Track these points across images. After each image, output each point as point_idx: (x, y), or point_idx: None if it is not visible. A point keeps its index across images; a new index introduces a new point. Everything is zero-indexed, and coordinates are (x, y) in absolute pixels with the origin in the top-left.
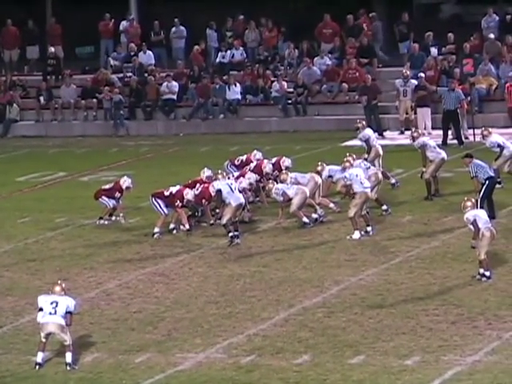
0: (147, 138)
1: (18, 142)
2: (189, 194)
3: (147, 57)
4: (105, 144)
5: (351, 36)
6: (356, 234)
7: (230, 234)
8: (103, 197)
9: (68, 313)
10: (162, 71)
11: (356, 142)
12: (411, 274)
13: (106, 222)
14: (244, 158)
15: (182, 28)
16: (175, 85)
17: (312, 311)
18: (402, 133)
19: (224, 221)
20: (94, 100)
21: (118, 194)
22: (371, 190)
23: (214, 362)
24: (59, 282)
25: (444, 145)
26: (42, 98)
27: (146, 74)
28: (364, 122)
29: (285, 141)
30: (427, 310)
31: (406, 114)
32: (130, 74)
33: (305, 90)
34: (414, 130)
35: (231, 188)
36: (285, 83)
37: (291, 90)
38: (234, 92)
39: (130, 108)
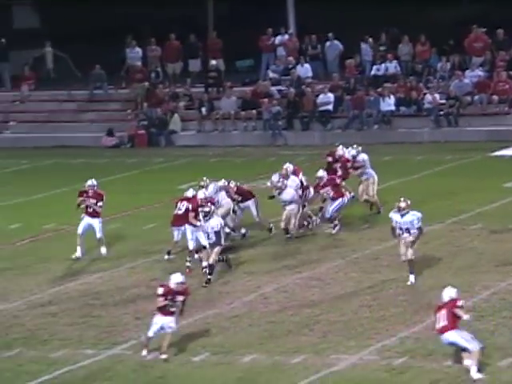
0: (304, 148)
1: (180, 152)
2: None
3: (304, 69)
4: (263, 153)
5: (501, 49)
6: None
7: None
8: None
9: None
10: (319, 83)
11: (507, 152)
12: None
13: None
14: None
15: (336, 42)
16: (331, 96)
17: None
18: None
19: (212, 261)
20: (254, 111)
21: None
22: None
23: (368, 364)
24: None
25: None
26: (203, 109)
27: (303, 86)
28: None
29: (436, 151)
30: None
31: None
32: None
33: (456, 102)
34: None
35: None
36: (437, 95)
37: (443, 101)
38: (388, 104)
39: (288, 119)
